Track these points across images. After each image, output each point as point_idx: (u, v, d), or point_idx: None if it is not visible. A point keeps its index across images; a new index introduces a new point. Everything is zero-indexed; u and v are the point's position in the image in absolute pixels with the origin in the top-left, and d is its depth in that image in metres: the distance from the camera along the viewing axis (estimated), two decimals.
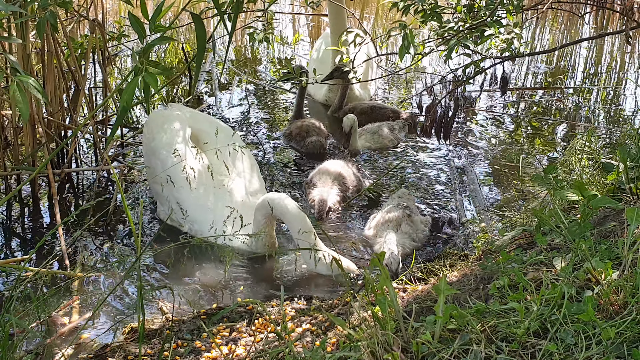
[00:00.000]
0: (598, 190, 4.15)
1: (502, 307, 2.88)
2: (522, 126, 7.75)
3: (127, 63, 9.57)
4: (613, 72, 10.35)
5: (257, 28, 5.87)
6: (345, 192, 5.78)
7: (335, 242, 5.00)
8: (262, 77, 9.33)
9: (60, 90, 5.91)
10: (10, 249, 5.08)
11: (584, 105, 8.58)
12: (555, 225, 3.56)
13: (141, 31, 3.59)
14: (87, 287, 4.47)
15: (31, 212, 5.58)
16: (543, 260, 3.33)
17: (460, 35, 4.77)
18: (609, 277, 2.88)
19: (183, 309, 4.09)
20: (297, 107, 7.20)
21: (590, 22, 13.37)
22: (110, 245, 5.03)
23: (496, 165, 6.61)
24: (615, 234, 3.46)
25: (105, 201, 5.57)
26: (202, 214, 5.04)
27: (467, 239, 5.18)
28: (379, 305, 2.89)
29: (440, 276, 4.09)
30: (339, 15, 7.74)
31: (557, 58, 10.87)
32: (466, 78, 5.87)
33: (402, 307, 3.26)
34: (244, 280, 4.62)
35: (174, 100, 7.91)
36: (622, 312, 2.71)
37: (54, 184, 5.43)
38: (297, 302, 4.10)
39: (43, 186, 5.83)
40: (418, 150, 7.01)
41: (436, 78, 8.69)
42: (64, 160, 6.04)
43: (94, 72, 7.65)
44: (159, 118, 5.42)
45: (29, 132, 5.53)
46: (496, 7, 4.71)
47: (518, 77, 9.72)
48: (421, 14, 4.79)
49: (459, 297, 3.28)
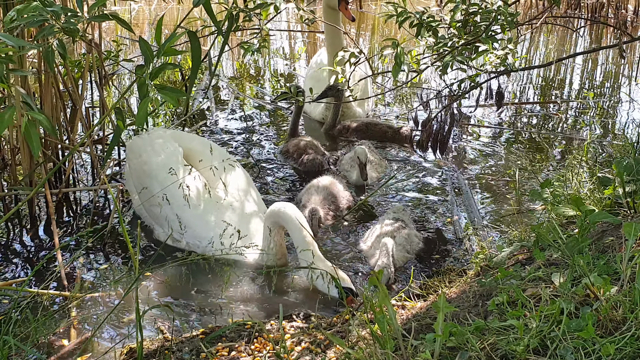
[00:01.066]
0: (595, 204, 4.16)
1: (502, 324, 2.88)
2: (518, 140, 7.77)
3: (124, 82, 9.59)
4: (607, 86, 10.39)
5: (253, 44, 5.90)
6: (336, 209, 5.79)
7: (331, 258, 5.01)
8: (259, 95, 9.36)
9: (57, 109, 5.92)
10: (8, 269, 5.06)
11: (580, 119, 8.60)
12: (553, 241, 3.56)
13: (150, 56, 3.63)
14: (86, 308, 4.45)
15: (29, 232, 5.57)
16: (542, 276, 3.33)
17: (454, 51, 4.79)
18: (608, 292, 2.88)
19: (182, 328, 4.08)
20: (293, 126, 7.22)
21: (585, 35, 13.45)
22: (108, 266, 5.03)
23: (492, 180, 6.62)
24: (613, 248, 3.47)
25: (102, 220, 5.58)
26: (205, 231, 5.08)
27: (465, 255, 5.18)
28: (377, 324, 2.88)
29: (439, 293, 4.08)
30: (336, 34, 7.76)
31: (553, 72, 10.91)
32: (461, 93, 5.89)
33: (401, 325, 3.26)
34: (243, 299, 4.62)
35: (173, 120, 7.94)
36: (621, 328, 2.71)
37: (51, 204, 5.42)
38: (296, 320, 4.08)
39: (41, 206, 5.82)
40: (414, 165, 7.02)
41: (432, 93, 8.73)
42: (61, 179, 6.04)
43: (91, 91, 7.66)
44: (145, 142, 5.50)
45: (27, 152, 5.54)
46: (490, 23, 4.74)
47: (514, 92, 9.75)
48: (416, 26, 4.82)
49: (458, 315, 3.28)
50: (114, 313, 4.19)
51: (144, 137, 5.56)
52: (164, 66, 3.72)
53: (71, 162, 6.07)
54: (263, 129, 8.10)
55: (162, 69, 3.67)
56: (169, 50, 3.73)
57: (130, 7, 14.82)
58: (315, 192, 5.80)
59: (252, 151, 7.25)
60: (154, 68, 3.62)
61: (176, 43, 9.02)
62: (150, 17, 14.42)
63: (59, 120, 5.96)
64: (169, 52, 3.74)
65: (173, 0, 16.05)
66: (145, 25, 14.07)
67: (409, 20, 4.90)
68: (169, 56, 3.84)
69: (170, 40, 3.76)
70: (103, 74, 6.66)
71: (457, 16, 4.95)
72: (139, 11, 15.36)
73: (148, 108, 3.59)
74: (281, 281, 4.79)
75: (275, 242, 4.90)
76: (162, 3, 15.62)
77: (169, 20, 13.72)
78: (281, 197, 6.18)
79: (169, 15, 14.61)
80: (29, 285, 4.59)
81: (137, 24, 14.03)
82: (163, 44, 3.71)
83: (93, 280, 4.85)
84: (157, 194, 5.13)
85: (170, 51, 3.75)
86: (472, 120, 8.33)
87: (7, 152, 5.94)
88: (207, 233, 5.07)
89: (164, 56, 3.74)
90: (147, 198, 5.24)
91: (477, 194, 6.34)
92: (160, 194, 5.09)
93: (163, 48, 3.70)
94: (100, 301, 4.53)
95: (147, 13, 15.24)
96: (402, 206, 5.77)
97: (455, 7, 4.88)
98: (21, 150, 5.56)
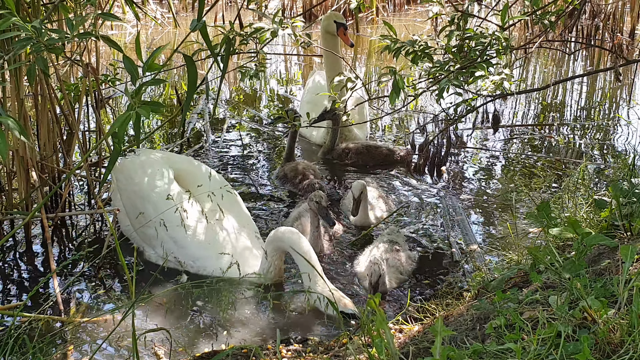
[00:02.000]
0: (592, 227, 4.16)
1: (499, 347, 2.87)
2: (515, 163, 7.79)
3: (120, 105, 9.62)
4: (605, 108, 10.44)
5: (250, 68, 5.93)
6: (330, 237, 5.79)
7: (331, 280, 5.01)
8: (255, 118, 9.39)
9: (53, 133, 5.93)
10: (3, 294, 5.04)
11: (576, 142, 8.63)
12: (550, 264, 3.56)
13: (134, 73, 3.64)
14: (82, 333, 4.43)
15: (25, 257, 5.55)
16: (539, 299, 3.32)
17: (450, 75, 4.82)
18: (605, 315, 2.87)
19: (178, 352, 4.07)
20: (289, 150, 7.22)
21: (581, 59, 13.54)
22: (104, 291, 5.01)
23: (488, 202, 6.63)
24: (610, 271, 3.46)
25: (99, 244, 5.57)
26: (203, 251, 5.12)
27: (461, 277, 5.17)
28: (375, 347, 2.88)
29: (436, 316, 4.07)
30: (334, 59, 7.79)
31: (549, 95, 10.96)
32: (458, 116, 5.92)
33: (399, 349, 3.25)
34: (240, 322, 4.60)
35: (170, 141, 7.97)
36: (619, 351, 2.71)
37: (47, 229, 5.41)
38: (293, 345, 4.07)
39: (37, 230, 5.81)
40: (411, 188, 7.03)
41: (429, 117, 8.76)
42: (57, 204, 6.03)
43: (87, 115, 7.68)
44: (134, 164, 5.52)
45: (23, 176, 5.54)
46: (485, 47, 4.77)
47: (510, 115, 9.79)
48: (412, 55, 4.85)
49: (456, 338, 3.26)
50: (111, 338, 4.16)
51: (133, 158, 5.57)
52: (148, 82, 3.73)
53: (67, 186, 6.07)
54: (258, 152, 8.12)
55: (145, 85, 3.68)
56: (153, 66, 3.76)
57: (127, 31, 14.91)
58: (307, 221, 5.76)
59: (249, 174, 7.26)
60: (140, 84, 3.64)
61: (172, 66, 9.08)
62: (147, 41, 14.50)
63: (55, 144, 5.96)
64: (152, 68, 3.77)
65: (169, 24, 16.15)
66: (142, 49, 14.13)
67: (404, 49, 4.93)
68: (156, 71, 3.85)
69: (154, 55, 3.77)
70: (99, 98, 6.68)
71: (452, 41, 4.98)
72: (134, 35, 15.43)
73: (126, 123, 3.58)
74: (279, 303, 4.79)
75: (275, 266, 4.92)
76: (159, 27, 15.72)
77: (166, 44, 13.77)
78: (275, 221, 6.18)
79: (165, 39, 14.70)
80: (24, 310, 4.57)
81: (132, 48, 14.09)
82: (147, 60, 3.73)
83: (89, 304, 4.83)
84: (148, 215, 5.14)
85: (154, 67, 3.77)
86: (468, 144, 8.35)
87: (4, 177, 5.94)
88: (206, 252, 5.11)
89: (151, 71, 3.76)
90: (137, 218, 5.25)
91: (473, 216, 6.35)
92: (152, 216, 5.11)
93: (147, 64, 3.72)
94: (96, 326, 4.51)
95: (143, 37, 15.32)
96: (397, 227, 5.78)
97: (451, 33, 4.91)
98: (17, 174, 5.56)
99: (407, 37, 5.05)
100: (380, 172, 7.43)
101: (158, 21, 15.58)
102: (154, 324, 4.52)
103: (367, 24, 16.81)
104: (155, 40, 14.47)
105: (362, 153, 7.61)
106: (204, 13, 4.31)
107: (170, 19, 16.34)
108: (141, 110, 3.48)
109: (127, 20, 15.34)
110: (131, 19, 15.32)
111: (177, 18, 16.39)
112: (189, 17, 17.40)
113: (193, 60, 4.21)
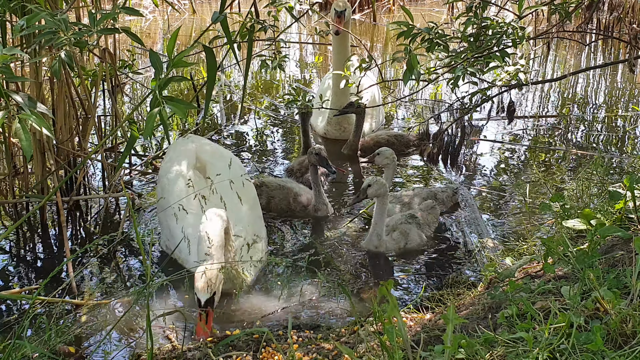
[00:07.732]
0: (605, 218, 4.15)
1: (511, 336, 2.87)
2: (529, 154, 7.76)
3: (137, 91, 9.65)
4: (621, 100, 10.37)
5: (267, 57, 5.93)
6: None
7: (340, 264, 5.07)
8: (273, 107, 9.40)
9: (70, 118, 5.96)
10: (19, 276, 5.09)
11: (592, 133, 8.58)
12: (563, 254, 3.56)
13: (160, 68, 3.66)
14: (96, 315, 4.47)
15: (40, 240, 5.60)
16: (551, 290, 3.32)
17: (466, 63, 4.80)
18: (618, 306, 2.87)
19: (190, 337, 4.09)
20: (304, 134, 7.20)
21: (599, 49, 13.44)
22: (118, 273, 5.05)
23: (502, 193, 6.61)
24: (623, 262, 3.46)
25: (113, 227, 5.61)
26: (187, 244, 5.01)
27: (474, 267, 5.17)
28: (386, 334, 2.88)
29: (448, 305, 4.08)
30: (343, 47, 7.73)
31: (565, 86, 10.90)
32: (473, 106, 5.90)
33: (410, 336, 3.26)
34: (251, 308, 4.62)
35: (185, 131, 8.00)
36: (630, 342, 2.71)
37: (62, 212, 5.45)
38: (304, 331, 4.09)
39: (52, 213, 5.86)
40: (424, 177, 7.02)
41: (443, 106, 8.73)
42: (72, 187, 6.07)
43: (104, 100, 7.72)
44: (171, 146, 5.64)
45: (39, 160, 5.57)
46: (501, 36, 4.75)
47: (525, 105, 9.75)
48: (427, 42, 4.82)
49: (467, 326, 3.27)
50: (124, 320, 4.19)
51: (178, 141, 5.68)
52: (172, 78, 3.74)
53: (83, 170, 6.11)
54: (278, 142, 8.15)
55: (170, 80, 3.69)
56: (179, 62, 3.76)
57: (144, 17, 14.94)
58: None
59: (265, 165, 7.27)
60: (162, 79, 3.65)
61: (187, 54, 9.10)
62: (163, 27, 14.51)
63: (71, 128, 6.00)
64: (178, 64, 3.77)
65: (187, 10, 16.16)
66: (157, 35, 14.16)
67: (419, 36, 4.89)
68: (179, 67, 3.86)
69: (183, 53, 3.80)
70: (116, 83, 6.71)
71: (469, 30, 4.96)
72: (152, 21, 15.47)
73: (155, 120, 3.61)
74: (290, 290, 4.80)
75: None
76: (176, 13, 15.73)
77: (182, 30, 13.79)
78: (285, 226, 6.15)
79: (182, 26, 14.70)
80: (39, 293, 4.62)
81: (149, 35, 14.13)
82: (174, 57, 3.73)
83: (104, 287, 4.86)
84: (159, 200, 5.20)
85: (180, 63, 3.78)
86: (483, 134, 8.32)
87: (20, 160, 5.98)
88: (185, 245, 4.96)
89: (175, 67, 3.77)
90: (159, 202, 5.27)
91: (486, 206, 6.33)
92: (161, 201, 5.15)
93: (173, 61, 3.73)
94: (110, 308, 4.54)
95: (160, 23, 15.34)
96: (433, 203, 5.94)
97: (468, 21, 4.89)
98: (34, 158, 5.60)
99: (423, 25, 5.01)
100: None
101: (175, 6, 15.58)
102: (168, 307, 4.56)
103: (384, 14, 16.75)
104: (172, 26, 14.48)
105: (393, 143, 7.54)
106: (226, 5, 4.31)
107: (187, 5, 16.35)
108: (176, 111, 3.55)
109: (144, 6, 15.37)
110: (147, 5, 15.35)
111: (194, 4, 16.42)
112: (205, 4, 17.41)
113: (213, 52, 4.22)
